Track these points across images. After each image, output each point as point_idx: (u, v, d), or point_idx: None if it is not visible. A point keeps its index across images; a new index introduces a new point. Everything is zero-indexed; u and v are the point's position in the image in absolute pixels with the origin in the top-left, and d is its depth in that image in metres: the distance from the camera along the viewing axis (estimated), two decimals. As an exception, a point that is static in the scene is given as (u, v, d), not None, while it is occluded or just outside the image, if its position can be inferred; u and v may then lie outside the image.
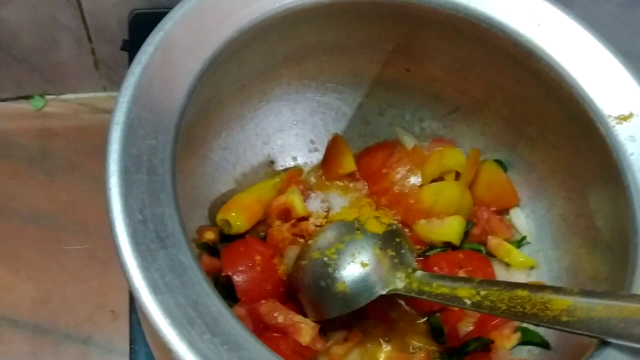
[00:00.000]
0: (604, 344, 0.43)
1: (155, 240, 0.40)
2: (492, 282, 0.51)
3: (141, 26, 0.77)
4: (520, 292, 0.47)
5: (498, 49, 0.56)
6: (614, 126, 0.51)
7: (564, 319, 0.44)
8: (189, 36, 0.47)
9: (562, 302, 0.44)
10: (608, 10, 0.85)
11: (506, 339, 0.59)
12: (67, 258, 0.77)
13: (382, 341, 0.60)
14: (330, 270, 0.55)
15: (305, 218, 0.64)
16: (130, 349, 0.64)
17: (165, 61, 0.46)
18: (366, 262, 0.55)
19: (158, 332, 0.37)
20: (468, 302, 0.50)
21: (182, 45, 0.47)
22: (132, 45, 0.77)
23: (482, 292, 0.49)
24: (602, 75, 0.53)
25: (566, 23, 0.55)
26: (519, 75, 0.57)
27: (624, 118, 0.51)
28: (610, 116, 0.51)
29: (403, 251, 0.56)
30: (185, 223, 0.43)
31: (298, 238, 0.63)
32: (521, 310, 0.46)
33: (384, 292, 0.54)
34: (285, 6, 0.52)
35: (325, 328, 0.58)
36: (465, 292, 0.50)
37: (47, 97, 0.88)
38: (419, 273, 0.55)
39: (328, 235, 0.58)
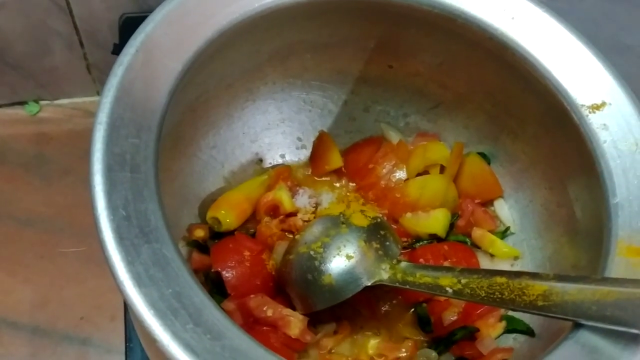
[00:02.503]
0: (578, 325, 0.44)
1: (139, 235, 0.41)
2: (473, 271, 0.52)
3: (131, 30, 0.74)
4: (499, 279, 0.48)
5: (475, 44, 0.57)
6: (587, 115, 0.52)
7: (540, 303, 0.45)
8: (169, 37, 0.49)
9: (538, 287, 0.45)
10: (592, 4, 0.86)
11: (491, 328, 0.60)
12: (64, 260, 0.77)
13: (370, 332, 0.61)
14: (316, 263, 0.56)
15: (293, 214, 0.65)
16: (126, 346, 0.66)
17: (146, 62, 0.47)
18: (351, 254, 0.56)
19: (142, 322, 0.39)
20: (450, 290, 0.51)
21: (163, 46, 0.48)
22: (122, 49, 0.78)
23: (463, 280, 0.50)
24: (574, 65, 0.54)
25: (539, 16, 0.56)
26: (497, 68, 0.59)
27: (596, 107, 0.52)
28: (583, 105, 0.53)
29: (387, 243, 0.57)
30: (169, 218, 0.44)
31: (287, 233, 0.64)
32: (499, 296, 0.47)
33: (369, 284, 0.55)
34: (265, 6, 0.53)
35: (315, 321, 0.59)
36: (447, 280, 0.51)
37: (42, 102, 0.89)
38: (403, 264, 0.56)
39: (314, 230, 0.59)
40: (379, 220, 0.59)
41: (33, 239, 0.79)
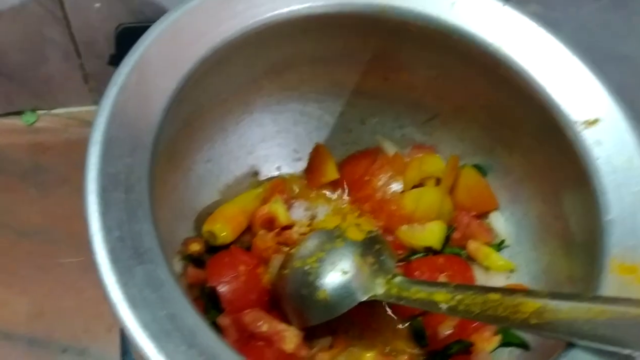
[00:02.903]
0: (571, 345, 0.44)
1: (133, 257, 0.41)
2: (467, 287, 0.52)
3: (128, 40, 0.74)
4: (493, 296, 0.48)
5: (470, 58, 0.57)
6: (581, 131, 0.52)
7: (533, 321, 0.45)
8: (163, 56, 0.49)
9: (531, 304, 0.45)
10: (589, 13, 0.86)
11: (487, 342, 0.60)
12: (61, 271, 0.77)
13: (366, 346, 0.61)
14: (311, 278, 0.56)
15: (289, 227, 0.65)
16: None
17: (140, 81, 0.47)
18: (346, 269, 0.56)
19: (136, 345, 0.39)
20: (444, 306, 0.51)
21: (157, 65, 0.48)
22: (119, 60, 0.76)
23: (458, 297, 0.50)
24: (569, 81, 0.54)
25: (533, 30, 0.56)
26: (492, 82, 0.59)
27: (590, 123, 0.52)
28: (577, 121, 0.53)
29: (383, 257, 0.57)
30: (165, 233, 0.44)
31: (282, 247, 0.64)
32: (493, 313, 0.47)
33: (364, 299, 0.55)
34: (259, 22, 0.53)
35: (311, 335, 0.59)
36: (441, 296, 0.51)
37: (38, 112, 0.89)
38: (398, 279, 0.56)
39: (309, 244, 0.59)
40: (374, 234, 0.59)
41: (29, 250, 0.78)
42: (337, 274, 0.56)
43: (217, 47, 0.51)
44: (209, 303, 0.59)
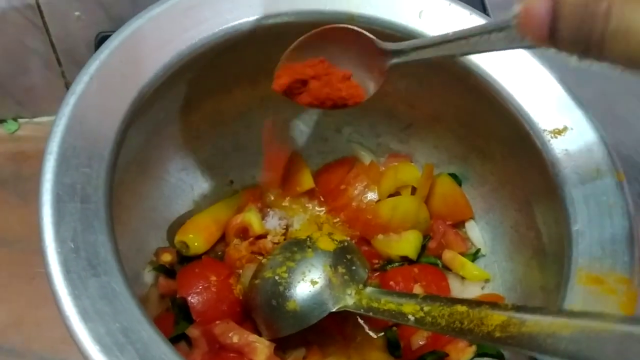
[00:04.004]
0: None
1: (86, 268, 0.41)
2: (436, 298, 0.51)
3: None
4: (460, 308, 0.47)
5: (440, 68, 0.57)
6: (550, 140, 0.52)
7: (497, 334, 0.44)
8: (125, 64, 0.48)
9: (497, 317, 0.45)
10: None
11: (461, 352, 0.59)
12: (40, 281, 0.76)
13: (341, 357, 0.61)
14: (281, 289, 0.56)
15: (263, 236, 0.65)
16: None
17: (100, 90, 0.47)
18: (316, 280, 0.55)
19: (87, 359, 0.38)
20: (412, 318, 0.50)
21: (117, 73, 0.48)
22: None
23: (426, 308, 0.50)
24: (537, 90, 0.54)
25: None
26: (462, 91, 0.58)
27: (558, 132, 0.52)
28: (545, 130, 0.52)
29: (354, 268, 0.57)
30: (135, 243, 0.45)
31: (257, 256, 0.64)
32: (459, 325, 0.46)
33: (334, 309, 0.55)
34: (225, 31, 0.53)
35: (284, 346, 0.59)
36: (410, 308, 0.51)
37: (20, 120, 0.89)
38: (368, 289, 0.55)
39: (280, 254, 0.58)
40: (346, 244, 0.59)
41: (8, 259, 0.78)
42: (306, 284, 0.55)
43: (183, 53, 0.51)
44: (179, 314, 0.58)
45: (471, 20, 0.55)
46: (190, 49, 0.51)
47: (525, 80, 0.54)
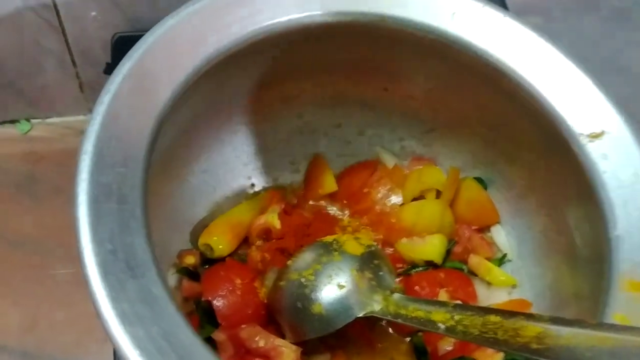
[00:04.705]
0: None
1: (124, 270, 0.40)
2: (467, 307, 0.50)
3: (124, 49, 0.75)
4: (493, 318, 0.47)
5: (471, 69, 0.56)
6: (586, 144, 0.51)
7: (534, 346, 0.43)
8: (159, 63, 0.48)
9: (532, 328, 0.44)
10: (589, 23, 0.86)
11: (489, 358, 0.58)
12: (53, 283, 0.76)
13: (365, 362, 0.60)
14: (307, 291, 0.55)
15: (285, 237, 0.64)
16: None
17: (134, 89, 0.46)
18: (343, 283, 0.55)
19: (127, 363, 0.37)
20: (442, 326, 0.49)
21: (152, 73, 0.47)
22: (114, 69, 0.77)
23: (456, 317, 0.49)
24: (573, 93, 0.53)
25: (536, 42, 0.55)
26: (493, 94, 0.58)
27: (595, 136, 0.51)
28: (582, 134, 0.52)
29: (381, 273, 0.56)
30: (158, 245, 0.43)
31: (279, 258, 0.63)
32: (493, 336, 0.46)
33: (360, 315, 0.54)
34: (256, 31, 0.52)
35: (308, 351, 0.58)
36: (439, 316, 0.50)
37: (33, 121, 0.88)
38: (396, 296, 0.55)
39: (306, 256, 0.58)
40: (373, 248, 0.58)
41: (22, 261, 0.77)
42: (333, 288, 0.55)
43: (214, 55, 0.50)
44: (203, 317, 0.57)
45: (505, 23, 0.54)
46: (222, 50, 0.50)
47: (561, 84, 0.53)
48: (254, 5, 0.52)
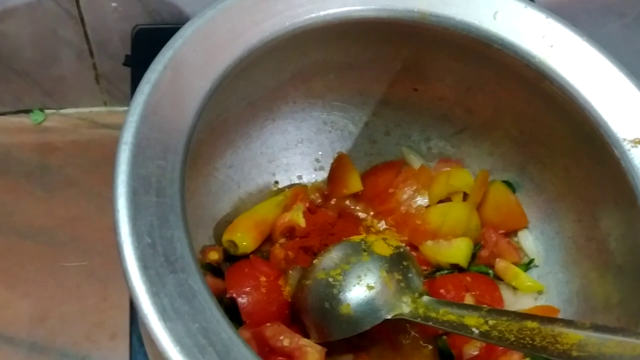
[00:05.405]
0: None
1: (164, 264, 0.39)
2: (501, 312, 0.50)
3: (144, 42, 0.76)
4: (530, 324, 0.46)
5: (509, 70, 0.56)
6: (629, 150, 0.51)
7: (575, 353, 0.42)
8: (199, 54, 0.47)
9: (573, 336, 0.43)
10: (612, 31, 0.85)
11: (515, 364, 0.58)
12: (64, 275, 0.76)
13: (389, 365, 0.59)
14: (335, 291, 0.54)
15: (309, 235, 0.63)
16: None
17: (174, 80, 0.45)
18: (372, 284, 0.54)
19: None
20: (476, 331, 0.49)
21: (191, 64, 0.46)
22: (134, 61, 0.76)
23: (491, 322, 0.48)
24: (616, 98, 0.52)
25: (579, 45, 0.54)
26: (531, 96, 0.57)
27: (639, 142, 0.50)
28: (625, 139, 0.51)
29: (410, 275, 0.55)
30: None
31: (303, 256, 0.62)
32: (530, 342, 0.45)
33: (389, 317, 0.53)
34: (295, 25, 0.51)
35: (332, 351, 0.57)
36: (473, 320, 0.49)
37: (47, 111, 0.88)
38: (425, 298, 0.54)
39: (334, 256, 0.57)
40: (402, 250, 0.57)
41: (33, 252, 0.77)
42: (362, 289, 0.54)
43: (253, 47, 0.49)
44: (227, 314, 0.56)
45: (547, 24, 0.54)
46: (261, 43, 0.49)
47: (604, 88, 0.53)
48: (293, -2, 0.51)
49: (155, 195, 0.41)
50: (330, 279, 0.55)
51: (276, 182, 0.67)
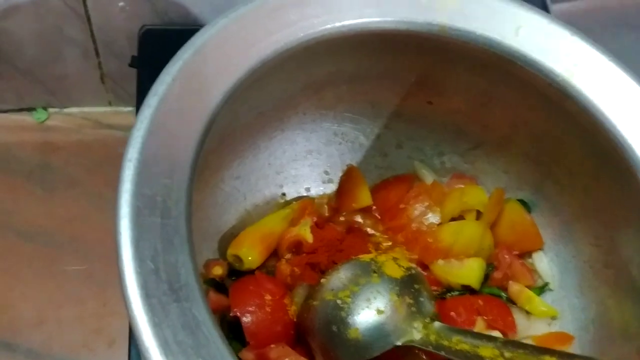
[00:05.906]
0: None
1: (167, 292, 0.37)
2: (518, 344, 0.47)
3: (151, 42, 0.75)
4: (549, 359, 0.44)
5: (530, 88, 0.54)
6: (656, 174, 0.49)
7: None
8: (209, 66, 0.45)
9: (593, 372, 0.41)
10: (627, 44, 0.84)
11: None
12: (63, 277, 0.75)
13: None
14: (343, 314, 0.52)
15: (316, 251, 0.61)
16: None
17: (183, 93, 0.43)
18: (382, 308, 0.51)
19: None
20: None
21: (202, 76, 0.44)
22: (141, 62, 0.75)
23: (507, 354, 0.46)
24: (640, 119, 0.50)
25: (604, 65, 0.52)
26: (551, 115, 0.55)
27: (664, 167, 0.48)
28: (650, 164, 0.49)
29: (421, 299, 0.53)
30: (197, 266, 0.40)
31: (310, 272, 0.60)
32: (548, 378, 0.43)
33: (399, 343, 0.51)
34: (309, 36, 0.49)
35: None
36: (488, 351, 0.47)
37: (50, 110, 0.87)
38: (437, 324, 0.52)
39: (342, 276, 0.54)
40: (413, 272, 0.55)
41: (32, 253, 0.76)
42: (371, 313, 0.51)
43: (266, 58, 0.47)
44: (229, 333, 0.54)
45: (571, 41, 0.52)
46: (274, 54, 0.47)
47: (630, 109, 0.50)
48: (307, 8, 0.49)
49: (160, 216, 0.39)
50: (339, 301, 0.53)
51: (283, 194, 0.65)
